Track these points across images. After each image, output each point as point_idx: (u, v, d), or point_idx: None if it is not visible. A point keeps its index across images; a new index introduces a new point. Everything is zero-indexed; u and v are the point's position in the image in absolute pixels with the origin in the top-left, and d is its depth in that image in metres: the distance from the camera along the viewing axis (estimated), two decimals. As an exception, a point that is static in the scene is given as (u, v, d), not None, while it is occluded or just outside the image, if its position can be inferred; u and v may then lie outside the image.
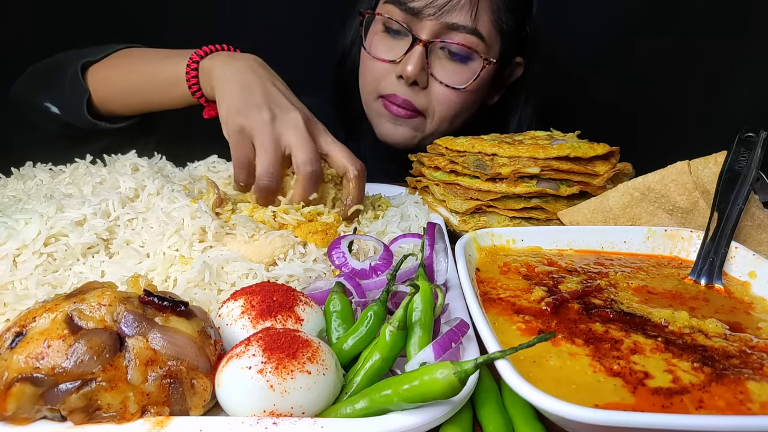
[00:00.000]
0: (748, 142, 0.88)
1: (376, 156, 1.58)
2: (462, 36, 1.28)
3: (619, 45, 1.87)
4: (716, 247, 0.80)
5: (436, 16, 1.26)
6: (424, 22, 1.28)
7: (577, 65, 1.89)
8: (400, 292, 0.67)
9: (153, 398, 0.51)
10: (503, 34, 1.35)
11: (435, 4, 1.26)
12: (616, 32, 1.87)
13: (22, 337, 0.51)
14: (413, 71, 1.28)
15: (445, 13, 1.26)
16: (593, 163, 1.04)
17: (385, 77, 1.36)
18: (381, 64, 1.35)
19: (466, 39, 1.29)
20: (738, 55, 1.87)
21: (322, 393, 0.52)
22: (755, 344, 0.61)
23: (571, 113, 1.87)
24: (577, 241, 0.89)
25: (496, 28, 1.33)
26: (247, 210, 0.88)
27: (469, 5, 1.27)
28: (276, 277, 0.77)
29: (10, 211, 0.83)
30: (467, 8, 1.27)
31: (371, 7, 1.39)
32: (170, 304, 0.56)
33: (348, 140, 1.64)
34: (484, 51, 1.31)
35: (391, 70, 1.34)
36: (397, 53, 1.32)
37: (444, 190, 1.09)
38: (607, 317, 0.66)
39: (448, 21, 1.27)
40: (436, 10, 1.26)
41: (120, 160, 1.01)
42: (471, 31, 1.28)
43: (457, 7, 1.26)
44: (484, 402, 0.58)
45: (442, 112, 1.37)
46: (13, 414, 0.49)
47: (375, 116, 1.44)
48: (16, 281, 0.71)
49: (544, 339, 0.50)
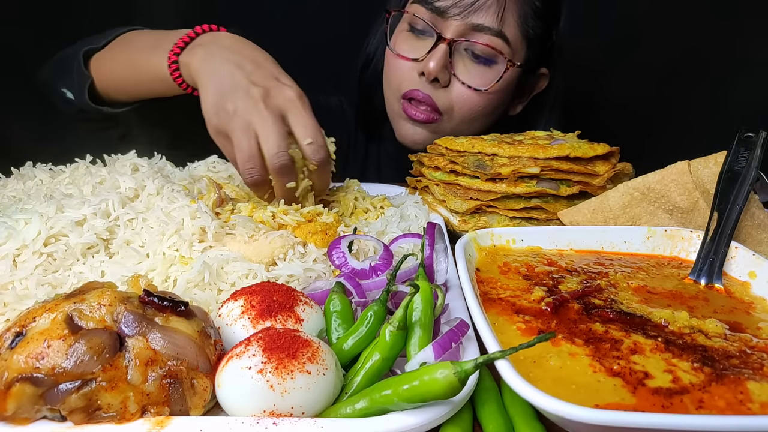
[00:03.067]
0: (747, 142, 0.88)
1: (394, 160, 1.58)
2: (487, 37, 1.28)
3: (621, 46, 1.87)
4: (716, 247, 0.80)
5: (462, 16, 1.26)
6: (449, 21, 1.28)
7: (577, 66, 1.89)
8: (400, 292, 0.67)
9: (153, 398, 0.51)
10: (529, 41, 1.35)
11: (461, 3, 1.26)
12: (618, 33, 1.87)
13: (22, 337, 0.51)
14: (435, 68, 1.28)
15: (470, 14, 1.26)
16: (593, 163, 1.04)
17: (408, 75, 1.36)
18: (405, 62, 1.35)
19: (491, 41, 1.28)
20: (738, 55, 1.87)
21: (322, 393, 0.52)
22: (755, 344, 0.61)
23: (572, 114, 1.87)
24: (577, 241, 0.89)
25: (522, 33, 1.32)
26: (246, 210, 0.88)
27: (496, 7, 1.27)
28: (276, 277, 0.77)
29: (10, 211, 0.83)
30: (493, 9, 1.27)
31: (398, 7, 1.39)
32: (170, 304, 0.56)
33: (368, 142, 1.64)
34: (509, 54, 1.31)
35: (414, 68, 1.34)
36: (421, 52, 1.32)
37: (444, 190, 1.09)
38: (607, 317, 0.66)
39: (473, 21, 1.27)
40: (461, 10, 1.26)
41: (120, 160, 1.01)
42: (496, 33, 1.28)
43: (483, 8, 1.26)
44: (484, 402, 0.58)
45: (462, 114, 1.37)
46: (13, 414, 0.49)
47: (396, 117, 1.45)
48: (16, 281, 0.71)
49: (544, 339, 0.50)
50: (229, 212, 0.88)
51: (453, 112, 1.37)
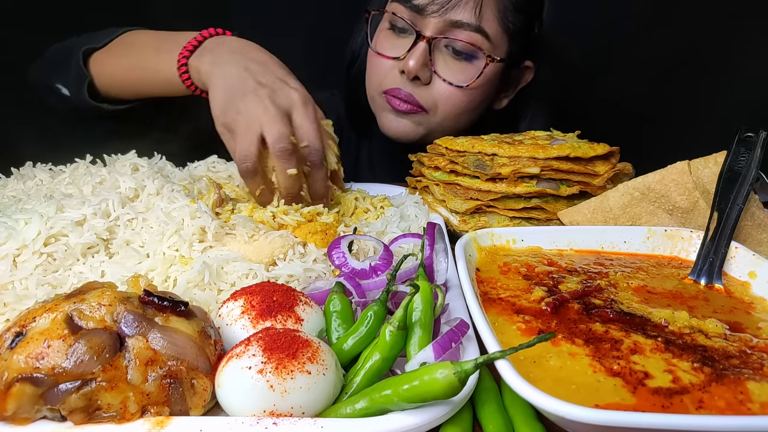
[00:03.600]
0: (747, 142, 0.88)
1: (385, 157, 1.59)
2: (466, 33, 1.29)
3: (619, 45, 1.87)
4: (716, 247, 0.80)
5: (440, 13, 1.27)
6: (428, 19, 1.28)
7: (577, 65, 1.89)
8: (400, 292, 0.67)
9: (153, 398, 0.51)
10: (510, 34, 1.35)
11: (438, 1, 1.26)
12: (616, 31, 1.87)
13: (22, 337, 0.51)
14: (414, 66, 1.29)
15: (448, 10, 1.27)
16: (593, 163, 1.04)
17: (389, 73, 1.37)
18: (386, 61, 1.36)
19: (471, 37, 1.29)
20: (738, 55, 1.87)
21: (322, 393, 0.52)
22: (755, 344, 0.61)
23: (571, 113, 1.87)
24: (577, 241, 0.89)
25: (502, 27, 1.33)
26: (246, 210, 0.88)
27: (474, 2, 1.27)
28: (276, 277, 0.77)
29: (10, 211, 0.83)
30: (471, 5, 1.27)
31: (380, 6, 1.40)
32: (170, 304, 0.56)
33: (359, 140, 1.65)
34: (489, 50, 1.31)
35: (395, 67, 1.35)
36: (402, 50, 1.32)
37: (444, 190, 1.09)
38: (607, 317, 0.66)
39: (451, 18, 1.27)
40: (439, 7, 1.27)
41: (120, 160, 1.01)
42: (475, 29, 1.28)
43: (461, 4, 1.27)
44: (484, 402, 0.58)
45: (446, 110, 1.37)
46: (13, 414, 0.49)
47: (379, 110, 1.45)
48: (16, 281, 0.71)
49: (544, 339, 0.50)
50: (229, 212, 0.88)
51: (437, 108, 1.37)
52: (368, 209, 1.05)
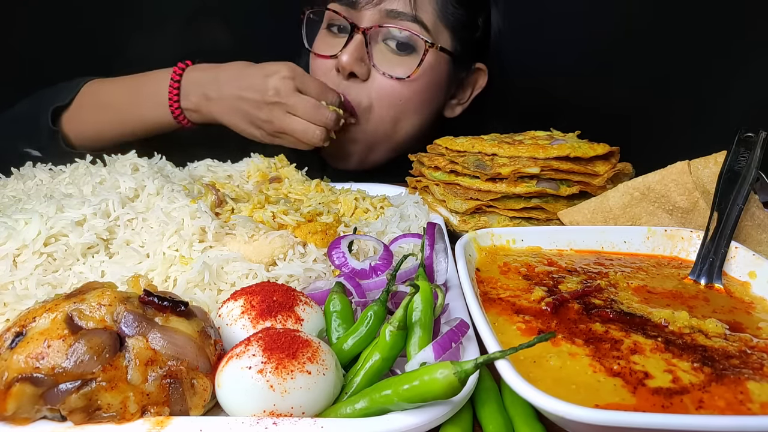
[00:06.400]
0: (747, 142, 0.88)
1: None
2: (403, 23, 1.27)
3: (619, 45, 1.87)
4: (716, 247, 0.80)
5: (374, 3, 1.25)
6: (362, 12, 1.27)
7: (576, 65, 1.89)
8: (400, 292, 0.67)
9: (153, 398, 0.51)
10: (452, 29, 1.33)
11: None
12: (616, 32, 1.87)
13: (22, 337, 0.51)
14: (349, 60, 1.26)
15: (383, 1, 1.26)
16: (593, 163, 1.04)
17: (328, 75, 1.32)
18: (323, 61, 1.33)
19: (407, 26, 1.27)
20: (738, 55, 1.87)
21: (322, 393, 0.52)
22: (755, 344, 0.61)
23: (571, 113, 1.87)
24: (577, 241, 0.89)
25: (442, 20, 1.31)
26: (246, 210, 0.88)
27: None
28: (276, 277, 0.77)
29: (10, 211, 0.83)
30: None
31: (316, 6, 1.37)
32: (170, 304, 0.56)
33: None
34: (428, 38, 1.28)
35: (333, 66, 1.31)
36: (338, 48, 1.29)
37: (444, 190, 1.09)
38: (607, 317, 0.66)
39: (386, 8, 1.26)
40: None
41: (120, 160, 1.01)
42: (412, 19, 1.26)
43: None
44: (484, 402, 0.58)
45: (384, 109, 1.32)
46: (13, 414, 0.49)
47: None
48: (16, 281, 0.71)
49: (544, 339, 0.50)
50: (229, 212, 0.88)
51: (372, 109, 1.32)
52: (368, 209, 1.05)
